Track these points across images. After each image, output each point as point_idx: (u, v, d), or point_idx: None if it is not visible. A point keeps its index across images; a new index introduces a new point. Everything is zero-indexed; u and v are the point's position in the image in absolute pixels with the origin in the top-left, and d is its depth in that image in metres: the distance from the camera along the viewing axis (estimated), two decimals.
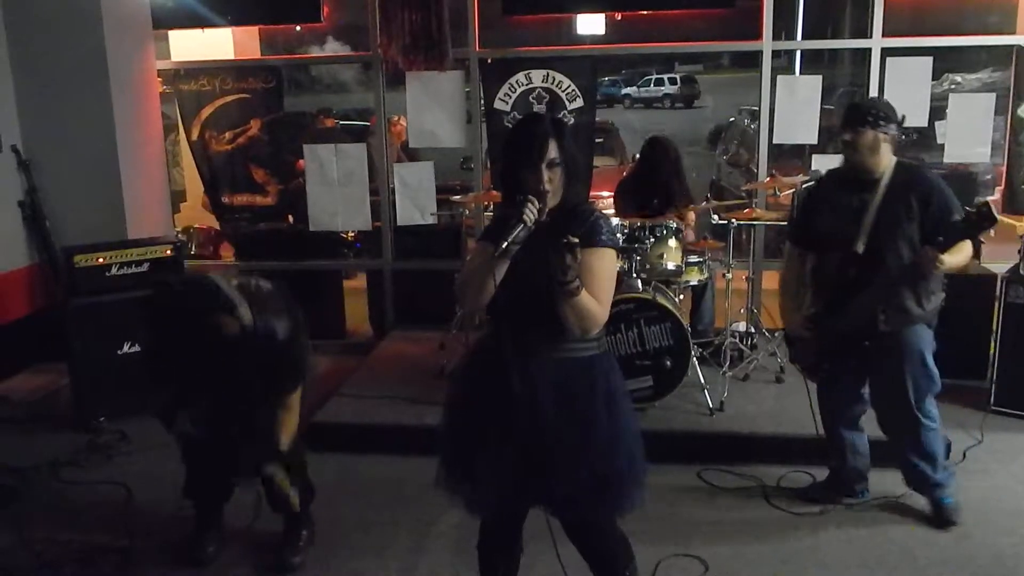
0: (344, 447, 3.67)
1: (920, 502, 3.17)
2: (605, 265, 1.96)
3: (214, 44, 6.13)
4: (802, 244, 3.07)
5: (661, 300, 3.76)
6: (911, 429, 2.95)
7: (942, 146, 4.79)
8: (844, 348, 2.92)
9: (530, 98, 4.91)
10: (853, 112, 2.83)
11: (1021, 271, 3.92)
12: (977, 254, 4.90)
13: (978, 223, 2.53)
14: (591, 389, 2.00)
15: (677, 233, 4.01)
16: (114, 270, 4.11)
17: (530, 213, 1.87)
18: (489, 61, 4.98)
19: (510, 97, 4.93)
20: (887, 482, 3.24)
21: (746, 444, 3.56)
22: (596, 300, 1.91)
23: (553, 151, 1.93)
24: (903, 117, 2.86)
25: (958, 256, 2.68)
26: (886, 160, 2.82)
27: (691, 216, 4.59)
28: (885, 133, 2.77)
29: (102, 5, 4.50)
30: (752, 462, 3.45)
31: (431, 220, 5.16)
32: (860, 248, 2.81)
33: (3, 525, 3.13)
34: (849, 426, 3.11)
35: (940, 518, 3.03)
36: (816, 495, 3.21)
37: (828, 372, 3.02)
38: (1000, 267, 4.18)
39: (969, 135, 4.74)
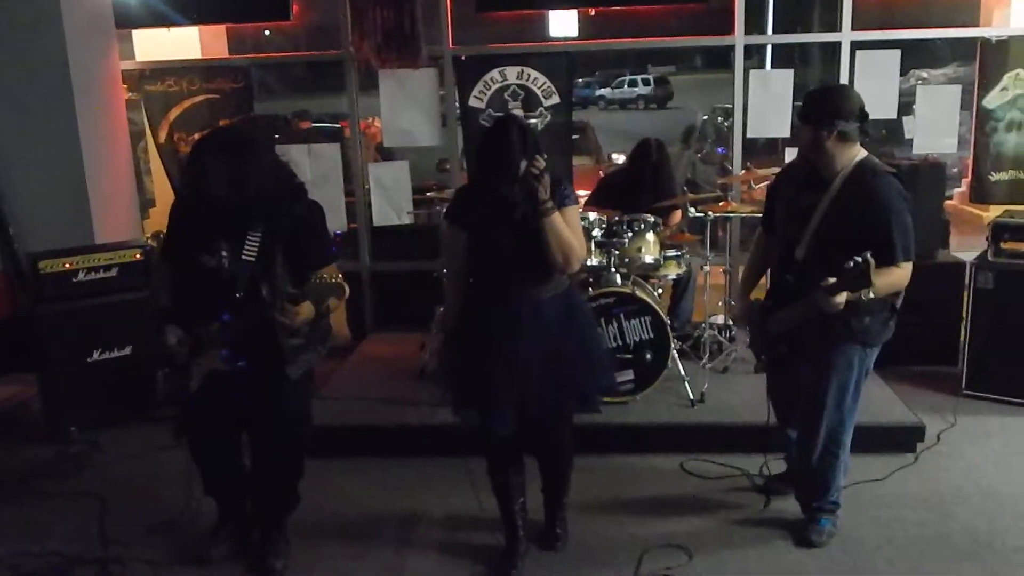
0: (324, 450, 3.60)
1: (896, 483, 3.25)
2: (576, 217, 2.59)
3: (180, 44, 6.02)
4: (767, 231, 2.91)
5: (640, 294, 3.77)
6: (812, 448, 2.76)
7: (911, 141, 4.89)
8: (781, 346, 2.74)
9: (505, 95, 4.90)
10: (803, 103, 2.53)
11: (989, 258, 3.99)
12: (946, 243, 5.00)
13: (855, 280, 2.25)
14: (572, 315, 2.60)
15: (655, 227, 4.02)
16: (81, 275, 3.99)
17: None
18: (463, 58, 4.95)
19: (485, 95, 4.91)
20: (870, 467, 3.29)
21: (727, 434, 3.57)
22: (577, 239, 2.51)
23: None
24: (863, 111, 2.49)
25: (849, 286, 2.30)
26: (841, 160, 2.48)
27: (675, 216, 4.58)
28: (830, 132, 2.42)
29: (62, 4, 4.38)
30: (734, 451, 3.47)
31: (408, 220, 5.11)
32: (800, 254, 2.56)
33: None
34: (791, 424, 2.94)
35: (803, 536, 2.82)
36: (774, 488, 3.15)
37: (765, 364, 2.91)
38: (968, 255, 4.26)
39: (936, 127, 4.83)
